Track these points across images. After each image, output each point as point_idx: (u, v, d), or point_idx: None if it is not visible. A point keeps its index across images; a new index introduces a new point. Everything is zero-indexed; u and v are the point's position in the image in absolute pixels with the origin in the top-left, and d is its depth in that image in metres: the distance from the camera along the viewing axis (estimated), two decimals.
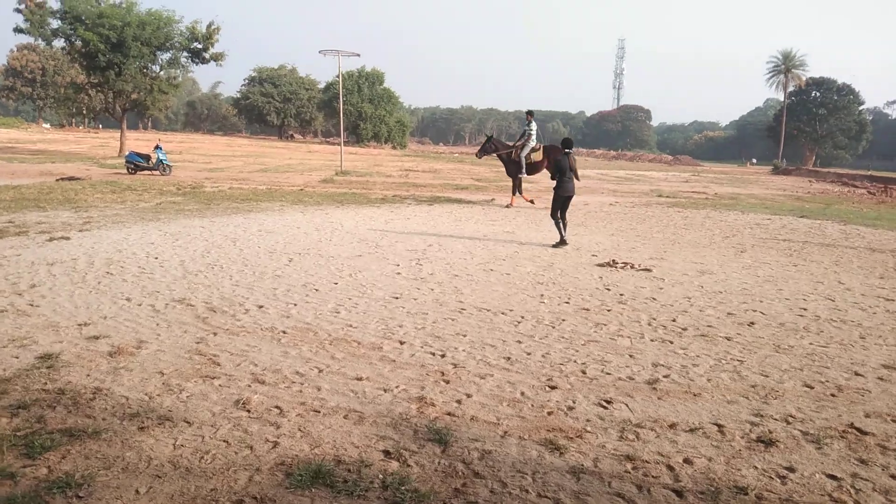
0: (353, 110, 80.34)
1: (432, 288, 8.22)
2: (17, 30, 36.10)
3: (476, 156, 20.98)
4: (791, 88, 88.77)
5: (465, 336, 6.23)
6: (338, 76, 36.04)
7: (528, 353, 5.75)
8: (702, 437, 4.24)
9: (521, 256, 10.68)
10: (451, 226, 14.39)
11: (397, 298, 7.63)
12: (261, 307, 7.03)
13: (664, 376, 5.31)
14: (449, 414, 4.46)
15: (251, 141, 78.48)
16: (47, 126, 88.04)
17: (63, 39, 37.03)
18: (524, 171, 18.86)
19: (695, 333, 6.59)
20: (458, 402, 4.67)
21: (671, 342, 6.26)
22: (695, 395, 4.95)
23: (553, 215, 11.83)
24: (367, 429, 4.21)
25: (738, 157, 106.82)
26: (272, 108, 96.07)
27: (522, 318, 6.92)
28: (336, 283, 8.28)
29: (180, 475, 3.58)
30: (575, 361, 5.58)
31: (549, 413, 4.52)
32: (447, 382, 5.03)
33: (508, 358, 5.62)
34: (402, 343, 5.97)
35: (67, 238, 10.83)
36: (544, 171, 18.28)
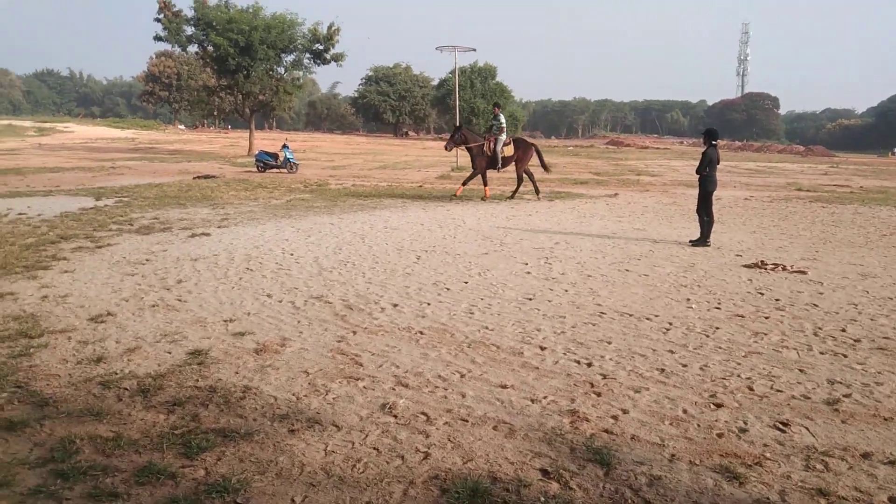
0: (466, 106, 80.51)
1: (566, 289, 7.87)
2: (157, 38, 38.83)
3: (445, 148, 18.91)
4: None
5: (609, 343, 5.86)
6: (451, 72, 36.08)
7: (684, 365, 5.29)
8: None
9: (658, 256, 10.09)
10: (575, 222, 13.92)
11: (531, 300, 7.35)
12: (395, 306, 6.97)
13: (845, 395, 4.72)
14: (606, 431, 4.13)
15: (368, 139, 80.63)
16: (182, 127, 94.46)
17: (196, 45, 39.42)
18: (499, 165, 18.15)
19: (870, 346, 5.88)
20: (614, 417, 4.33)
21: (844, 356, 5.60)
22: (885, 420, 4.35)
23: (707, 211, 11.09)
24: (519, 443, 3.97)
25: (878, 147, 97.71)
26: (388, 106, 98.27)
27: (670, 324, 6.44)
28: (466, 283, 8.10)
29: (334, 485, 3.48)
30: (738, 376, 5.08)
31: (720, 435, 4.08)
32: (598, 395, 4.70)
33: (662, 370, 5.20)
34: (542, 349, 5.69)
35: (208, 234, 11.33)
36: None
